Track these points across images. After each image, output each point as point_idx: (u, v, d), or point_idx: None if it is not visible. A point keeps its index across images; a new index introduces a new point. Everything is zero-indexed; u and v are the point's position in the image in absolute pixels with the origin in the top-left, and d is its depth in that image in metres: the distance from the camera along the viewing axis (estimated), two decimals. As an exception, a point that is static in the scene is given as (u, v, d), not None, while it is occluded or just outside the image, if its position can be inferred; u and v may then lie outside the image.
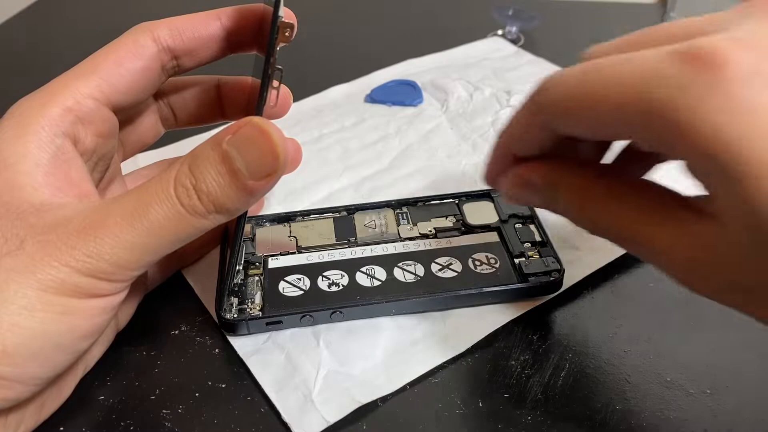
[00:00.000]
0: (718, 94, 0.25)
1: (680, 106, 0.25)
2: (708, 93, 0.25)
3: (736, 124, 0.24)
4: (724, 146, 0.25)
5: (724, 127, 0.25)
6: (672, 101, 0.26)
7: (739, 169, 0.25)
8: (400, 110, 0.62)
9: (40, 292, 0.30)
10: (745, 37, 0.26)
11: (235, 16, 0.39)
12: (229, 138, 0.32)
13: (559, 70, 0.31)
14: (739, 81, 0.25)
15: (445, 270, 0.43)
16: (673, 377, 0.37)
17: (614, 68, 0.28)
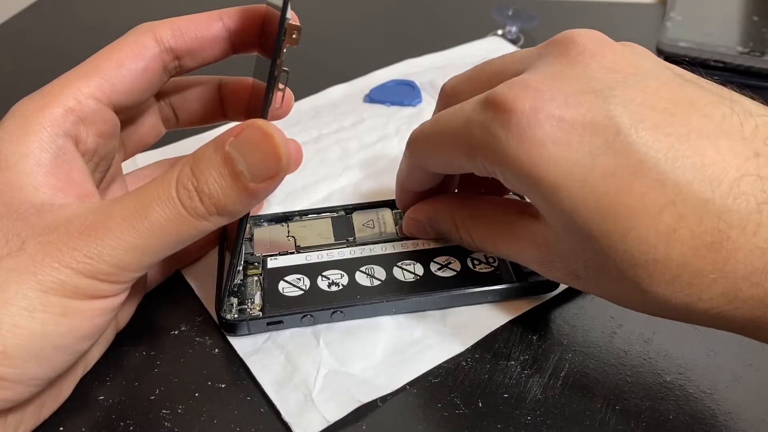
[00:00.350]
0: (510, 132, 0.32)
1: (489, 146, 0.33)
2: (505, 134, 0.32)
3: (528, 155, 0.31)
4: (525, 173, 0.32)
5: (521, 159, 0.32)
6: (483, 142, 0.33)
7: (540, 188, 0.32)
8: (399, 110, 0.62)
9: (41, 293, 0.30)
10: (529, 83, 0.33)
11: (238, 17, 0.38)
12: (232, 140, 0.32)
13: (422, 123, 0.39)
14: (523, 120, 0.31)
15: (444, 269, 0.43)
16: (672, 377, 0.37)
17: (447, 120, 0.36)
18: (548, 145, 0.31)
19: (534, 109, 0.31)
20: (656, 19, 0.77)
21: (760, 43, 0.66)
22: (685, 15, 0.72)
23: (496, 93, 0.33)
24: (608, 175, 0.30)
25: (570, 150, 0.31)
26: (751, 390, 0.37)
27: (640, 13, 0.80)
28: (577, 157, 0.31)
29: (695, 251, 0.30)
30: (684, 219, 0.30)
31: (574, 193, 0.31)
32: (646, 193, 0.30)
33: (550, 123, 0.31)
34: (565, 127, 0.31)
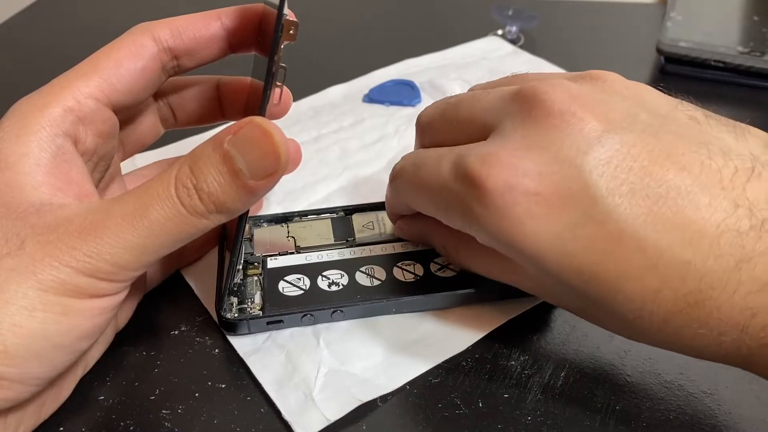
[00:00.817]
0: (486, 209, 0.32)
1: (467, 217, 0.34)
2: (482, 210, 0.32)
3: (507, 231, 0.32)
4: (507, 244, 0.33)
5: (500, 233, 0.32)
6: (461, 212, 0.34)
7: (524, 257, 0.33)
8: (398, 110, 0.62)
9: (41, 292, 0.30)
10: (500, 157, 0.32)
11: (236, 17, 0.38)
12: (230, 138, 0.32)
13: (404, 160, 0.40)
14: (498, 199, 0.32)
15: (444, 269, 0.43)
16: (672, 377, 0.37)
17: (427, 174, 0.36)
18: (527, 221, 0.31)
19: (508, 186, 0.31)
20: (656, 19, 0.77)
21: (760, 43, 0.66)
22: (685, 15, 0.72)
23: (469, 167, 0.33)
24: (589, 245, 0.31)
25: (549, 224, 0.31)
26: (751, 390, 0.37)
27: (640, 13, 0.80)
28: (557, 230, 0.31)
29: (679, 309, 0.30)
30: (666, 281, 0.30)
31: (558, 262, 0.32)
32: (628, 259, 0.30)
33: (526, 199, 0.31)
34: (541, 202, 0.31)
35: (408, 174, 0.38)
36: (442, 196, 0.35)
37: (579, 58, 0.72)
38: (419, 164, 0.37)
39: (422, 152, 0.38)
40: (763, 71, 0.63)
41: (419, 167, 0.37)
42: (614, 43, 0.75)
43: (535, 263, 0.32)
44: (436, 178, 0.35)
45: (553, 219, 0.31)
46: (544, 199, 0.31)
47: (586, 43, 0.75)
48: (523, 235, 0.31)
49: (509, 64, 0.69)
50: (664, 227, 0.30)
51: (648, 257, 0.30)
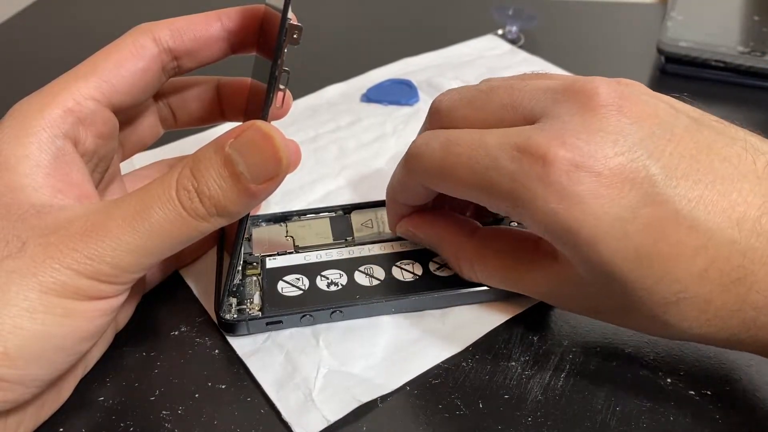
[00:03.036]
0: (548, 187, 0.32)
1: (520, 197, 0.33)
2: (539, 186, 0.32)
3: (567, 211, 0.32)
4: (560, 227, 0.32)
5: (557, 213, 0.32)
6: (513, 192, 0.33)
7: (577, 241, 0.32)
8: (396, 109, 0.62)
9: (42, 294, 0.30)
10: (567, 132, 0.33)
11: (236, 18, 0.39)
12: (232, 141, 0.32)
13: (425, 135, 0.38)
14: (563, 176, 0.32)
15: (443, 268, 0.43)
16: (673, 378, 0.37)
17: (466, 152, 0.35)
18: (589, 201, 0.31)
19: (574, 165, 0.32)
20: (656, 19, 0.77)
21: (760, 43, 0.66)
22: (685, 15, 0.72)
23: (533, 144, 0.33)
24: (647, 226, 0.31)
25: (611, 205, 0.31)
26: (752, 390, 0.37)
27: (640, 13, 0.80)
28: (618, 212, 0.31)
29: (722, 288, 0.32)
30: (714, 261, 0.31)
31: (614, 246, 0.32)
32: (681, 240, 0.31)
33: (590, 179, 0.31)
34: (604, 183, 0.31)
35: (435, 152, 0.37)
36: (488, 175, 0.34)
37: (579, 58, 0.72)
38: (453, 142, 0.36)
39: (452, 132, 0.37)
40: (764, 71, 0.63)
41: (453, 144, 0.36)
42: (614, 43, 0.75)
43: (588, 248, 0.32)
44: (482, 155, 0.34)
45: (615, 200, 0.31)
46: (607, 180, 0.31)
47: (587, 43, 0.75)
48: (583, 215, 0.31)
49: (507, 63, 0.69)
50: (714, 210, 0.31)
51: (699, 238, 0.31)
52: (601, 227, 0.31)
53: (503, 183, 0.33)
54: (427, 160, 0.37)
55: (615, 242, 0.32)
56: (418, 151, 0.38)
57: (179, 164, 0.33)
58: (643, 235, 0.31)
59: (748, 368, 0.38)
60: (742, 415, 0.35)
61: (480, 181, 0.35)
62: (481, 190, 0.35)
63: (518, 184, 0.33)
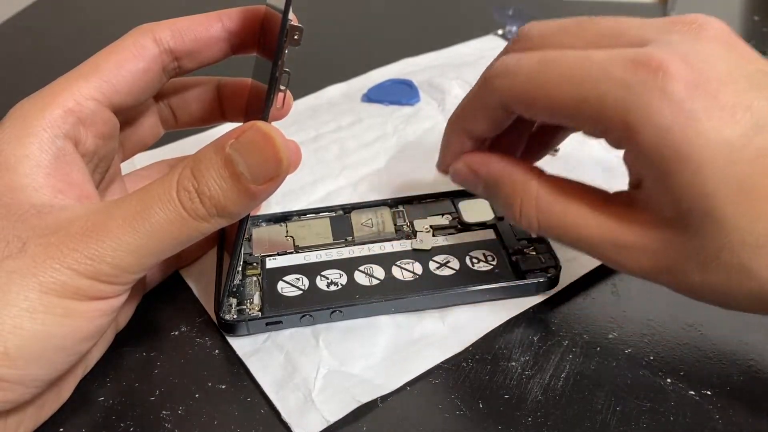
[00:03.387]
0: (665, 99, 0.30)
1: (632, 109, 0.31)
2: (655, 97, 0.31)
3: (680, 127, 0.30)
4: (670, 145, 0.31)
5: (671, 129, 0.30)
6: (624, 103, 0.31)
7: (683, 163, 0.30)
8: (396, 109, 0.62)
9: (42, 294, 0.30)
10: (684, 53, 0.31)
11: (237, 18, 0.39)
12: (232, 142, 0.32)
13: (514, 55, 0.36)
14: (682, 90, 0.30)
15: (442, 268, 0.43)
16: (673, 378, 0.37)
17: (570, 65, 0.33)
18: (704, 120, 0.30)
19: (694, 81, 0.31)
20: (655, 18, 0.77)
21: (760, 42, 0.66)
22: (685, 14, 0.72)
23: (652, 54, 0.31)
24: (757, 156, 0.30)
25: (723, 128, 0.30)
26: (752, 390, 0.37)
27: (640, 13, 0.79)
28: (731, 136, 0.30)
29: None
30: None
31: (719, 173, 0.30)
32: None
33: (707, 99, 0.30)
34: (720, 105, 0.30)
35: (529, 66, 0.35)
36: (596, 87, 0.32)
37: (578, 58, 0.71)
38: (551, 57, 0.35)
39: (548, 51, 0.35)
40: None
41: (552, 60, 0.34)
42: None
43: (692, 173, 0.30)
44: (589, 67, 0.33)
45: (728, 124, 0.30)
46: (723, 102, 0.30)
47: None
48: (695, 134, 0.30)
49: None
50: None
51: None
52: (711, 149, 0.30)
53: (614, 92, 0.32)
54: (521, 75, 0.35)
55: (721, 169, 0.30)
56: (505, 67, 0.36)
57: (180, 165, 0.33)
58: (750, 165, 0.30)
59: (748, 368, 0.38)
60: (742, 415, 0.35)
61: (585, 94, 0.33)
62: (585, 105, 0.33)
63: (633, 93, 0.31)
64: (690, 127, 0.30)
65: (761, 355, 0.38)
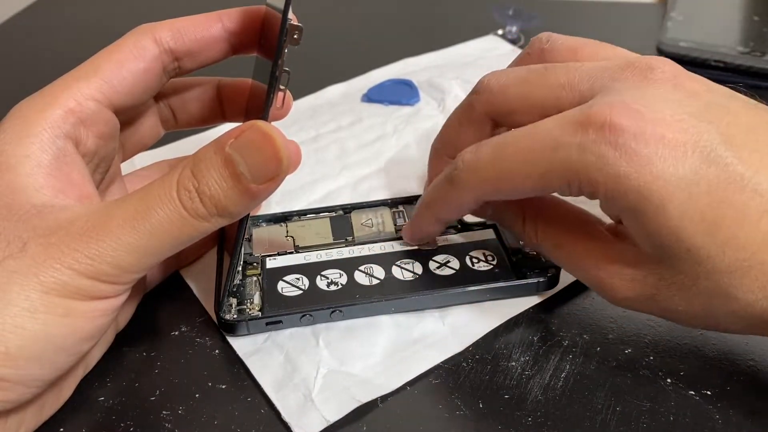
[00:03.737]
0: (617, 150, 0.32)
1: (591, 167, 0.33)
2: (612, 153, 0.32)
3: (638, 174, 0.32)
4: (633, 191, 0.32)
5: (629, 176, 0.32)
6: (582, 163, 0.33)
7: (647, 204, 0.32)
8: (396, 109, 0.62)
9: (43, 294, 0.30)
10: (629, 101, 0.33)
11: (237, 18, 0.39)
12: (232, 142, 0.32)
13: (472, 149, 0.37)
14: (630, 139, 0.32)
15: (443, 268, 0.43)
16: (673, 378, 0.37)
17: (525, 146, 0.35)
18: (656, 163, 0.32)
19: (640, 128, 0.32)
20: (656, 19, 0.77)
21: (760, 43, 0.66)
22: (685, 15, 0.72)
23: (597, 112, 0.33)
24: (712, 188, 0.32)
25: (676, 167, 0.32)
26: (752, 390, 0.37)
27: (640, 13, 0.80)
28: (683, 173, 0.32)
29: None
30: None
31: (682, 208, 0.32)
32: (745, 203, 0.32)
33: (655, 142, 0.32)
34: (669, 145, 0.32)
35: (487, 157, 0.37)
36: (552, 157, 0.34)
37: (578, 58, 0.71)
38: (504, 142, 0.36)
39: (498, 136, 0.37)
40: (763, 71, 0.63)
41: (505, 144, 0.36)
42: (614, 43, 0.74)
43: (657, 211, 0.32)
44: (541, 141, 0.34)
45: (680, 162, 0.32)
46: (670, 143, 0.32)
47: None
48: (651, 177, 0.32)
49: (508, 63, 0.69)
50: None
51: (764, 203, 0.32)
52: (668, 189, 0.32)
53: (570, 157, 0.33)
54: (481, 169, 0.37)
55: (682, 204, 0.32)
56: (467, 164, 0.37)
57: (180, 165, 0.33)
58: (708, 197, 0.32)
59: (748, 368, 0.38)
60: (742, 415, 0.35)
61: (544, 167, 0.34)
62: (546, 176, 0.35)
63: (587, 153, 0.33)
64: (645, 171, 0.32)
65: (761, 355, 0.38)
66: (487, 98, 0.40)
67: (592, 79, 0.36)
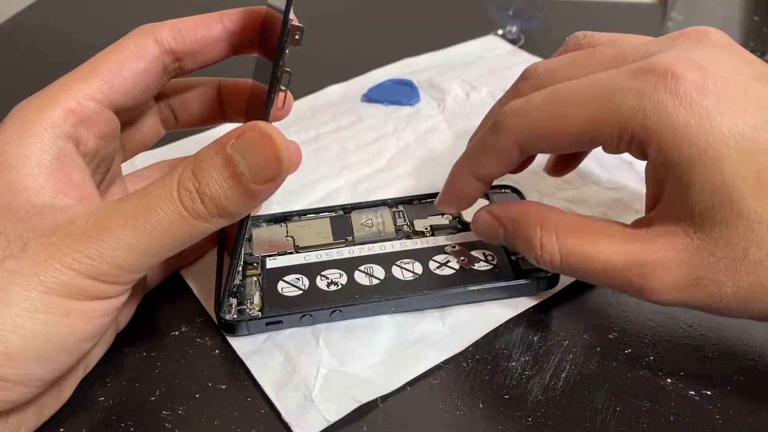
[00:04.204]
0: (678, 99, 0.32)
1: (648, 113, 0.32)
2: (669, 99, 0.32)
3: (697, 124, 0.31)
4: (689, 142, 0.31)
5: (688, 126, 0.31)
6: (640, 109, 0.32)
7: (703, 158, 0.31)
8: (397, 110, 0.62)
9: (43, 294, 0.30)
10: (689, 57, 0.33)
11: (238, 19, 0.39)
12: (233, 142, 0.32)
13: (523, 99, 0.37)
14: (692, 90, 0.32)
15: (442, 268, 0.43)
16: (673, 378, 0.37)
17: (579, 90, 0.35)
18: (716, 116, 0.31)
19: (702, 79, 0.32)
20: (656, 19, 0.77)
21: (760, 43, 0.66)
22: (685, 15, 0.72)
23: (658, 61, 0.33)
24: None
25: (735, 122, 0.31)
26: (752, 390, 0.37)
27: (640, 13, 0.80)
28: (743, 129, 0.31)
29: None
30: None
31: (737, 164, 0.31)
32: None
33: (718, 96, 0.32)
34: (730, 101, 0.32)
35: (541, 101, 0.36)
36: (609, 100, 0.33)
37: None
38: (558, 89, 0.36)
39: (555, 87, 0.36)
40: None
41: (559, 91, 0.36)
42: (613, 43, 0.75)
43: (712, 166, 0.31)
44: (596, 85, 0.34)
45: (740, 117, 0.31)
46: (732, 98, 0.32)
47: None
48: (711, 127, 0.31)
49: (508, 63, 0.69)
50: None
51: None
52: (726, 143, 0.31)
53: (628, 102, 0.33)
54: (533, 112, 0.36)
55: (738, 161, 0.31)
56: (516, 108, 0.37)
57: (180, 165, 0.33)
58: (766, 156, 0.31)
59: (748, 368, 0.38)
60: (742, 415, 0.36)
61: (600, 112, 0.34)
62: (598, 122, 0.34)
63: (646, 98, 0.32)
64: (705, 122, 0.31)
65: (761, 355, 0.38)
66: (534, 83, 0.39)
67: (645, 46, 0.36)
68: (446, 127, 0.60)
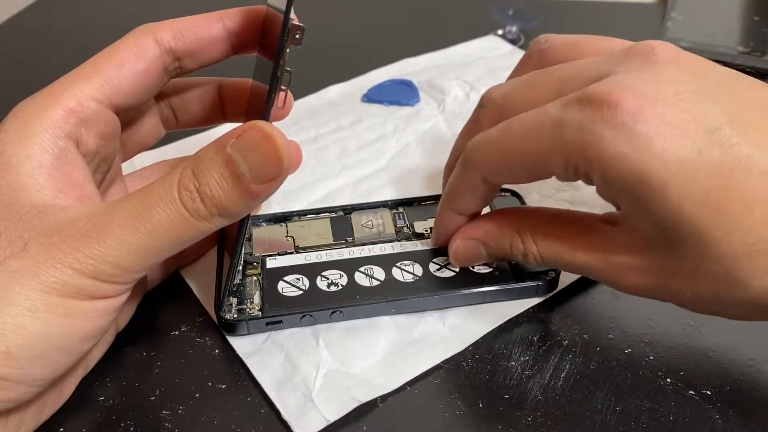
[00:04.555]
0: (615, 130, 0.31)
1: (588, 145, 0.32)
2: (610, 132, 0.31)
3: (637, 153, 0.31)
4: (632, 171, 0.31)
5: (627, 156, 0.31)
6: (581, 142, 0.32)
7: (647, 186, 0.31)
8: (396, 110, 0.62)
9: (44, 293, 0.30)
10: (629, 82, 0.32)
11: (238, 18, 0.39)
12: (233, 142, 0.32)
13: (482, 134, 0.38)
14: (629, 118, 0.31)
15: (442, 270, 0.43)
16: (672, 378, 0.37)
17: (527, 125, 0.35)
18: (656, 143, 0.31)
19: (639, 106, 0.31)
20: (656, 19, 0.77)
21: (760, 43, 0.66)
22: (685, 15, 0.72)
23: (595, 91, 0.32)
24: (716, 169, 0.31)
25: (677, 146, 0.31)
26: (752, 390, 0.37)
27: (640, 13, 0.80)
28: (685, 153, 0.31)
29: None
30: None
31: (684, 189, 0.31)
32: (753, 186, 0.31)
33: (656, 121, 0.31)
34: (670, 125, 0.31)
35: (496, 136, 0.37)
36: (553, 134, 0.33)
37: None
38: (510, 123, 0.36)
39: (509, 120, 0.37)
40: (763, 71, 0.63)
41: (511, 125, 0.36)
42: (613, 43, 0.75)
43: (659, 193, 0.31)
44: (542, 119, 0.34)
45: (681, 141, 0.31)
46: (671, 122, 0.31)
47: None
48: (651, 156, 0.31)
49: (508, 63, 0.69)
50: None
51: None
52: (669, 169, 0.31)
53: (569, 135, 0.33)
54: (490, 147, 0.37)
55: (684, 186, 0.31)
56: (476, 144, 0.38)
57: (181, 165, 0.33)
58: (712, 179, 0.31)
59: (748, 368, 0.38)
60: (742, 415, 0.36)
61: (545, 144, 0.34)
62: (547, 154, 0.34)
63: (586, 131, 0.32)
64: (644, 152, 0.31)
65: (761, 355, 0.38)
66: (492, 111, 0.40)
67: (595, 69, 0.36)
68: (446, 127, 0.60)
